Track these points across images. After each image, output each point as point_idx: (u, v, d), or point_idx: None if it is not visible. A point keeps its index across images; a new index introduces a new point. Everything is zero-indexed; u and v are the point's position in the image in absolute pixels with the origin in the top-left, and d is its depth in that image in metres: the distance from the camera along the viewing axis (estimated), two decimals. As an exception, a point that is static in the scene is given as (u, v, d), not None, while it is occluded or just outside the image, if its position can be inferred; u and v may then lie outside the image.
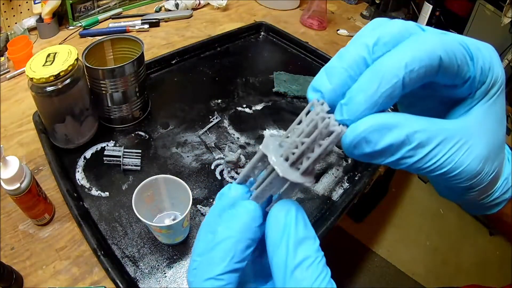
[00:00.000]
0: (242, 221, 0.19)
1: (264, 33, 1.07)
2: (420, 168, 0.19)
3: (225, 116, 0.79)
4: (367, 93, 0.17)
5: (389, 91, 0.17)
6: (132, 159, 0.65)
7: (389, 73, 0.17)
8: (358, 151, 0.18)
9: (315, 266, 0.18)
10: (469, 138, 0.19)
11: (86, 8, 1.01)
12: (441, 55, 0.17)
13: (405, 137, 0.18)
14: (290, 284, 0.18)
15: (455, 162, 0.19)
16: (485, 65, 0.19)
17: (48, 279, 0.50)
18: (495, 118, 0.21)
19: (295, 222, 0.19)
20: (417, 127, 0.18)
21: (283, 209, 0.19)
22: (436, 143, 0.18)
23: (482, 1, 1.51)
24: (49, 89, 0.56)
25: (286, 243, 0.18)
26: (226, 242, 0.19)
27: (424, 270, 1.52)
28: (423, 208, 1.77)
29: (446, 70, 0.18)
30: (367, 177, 0.69)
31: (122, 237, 0.55)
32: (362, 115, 0.18)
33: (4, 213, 0.57)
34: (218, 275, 0.19)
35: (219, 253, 0.19)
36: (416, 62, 0.17)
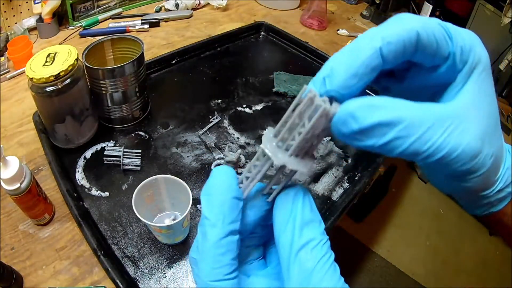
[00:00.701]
0: (220, 183, 0.20)
1: (264, 33, 1.07)
2: (417, 152, 0.18)
3: (225, 116, 0.79)
4: (347, 64, 0.18)
5: (368, 61, 0.18)
6: (132, 159, 0.65)
7: (366, 44, 0.18)
8: (346, 128, 0.18)
9: (319, 248, 0.18)
10: (462, 119, 0.19)
11: (86, 8, 1.01)
12: (418, 31, 0.18)
13: (394, 116, 0.17)
14: (295, 264, 0.18)
15: (452, 144, 0.19)
16: (465, 45, 0.20)
17: (48, 279, 0.50)
18: (485, 97, 0.21)
19: (301, 205, 0.19)
20: (407, 108, 0.18)
21: (291, 192, 0.20)
22: (429, 124, 0.18)
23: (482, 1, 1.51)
24: (49, 89, 0.56)
25: (292, 224, 0.19)
26: (212, 207, 0.20)
27: (424, 270, 1.52)
28: (423, 208, 1.77)
29: (425, 47, 0.19)
30: (367, 177, 0.69)
31: (122, 237, 0.55)
32: (344, 85, 0.18)
33: (4, 213, 0.57)
34: (219, 240, 0.19)
35: (209, 219, 0.20)
36: (394, 36, 0.18)
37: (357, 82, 0.18)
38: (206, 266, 0.19)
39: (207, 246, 0.19)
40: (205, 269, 0.19)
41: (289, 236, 0.19)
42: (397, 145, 0.18)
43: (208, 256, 0.19)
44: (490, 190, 0.24)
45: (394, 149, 0.18)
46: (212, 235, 0.19)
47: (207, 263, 0.19)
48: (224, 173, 0.21)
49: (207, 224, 0.20)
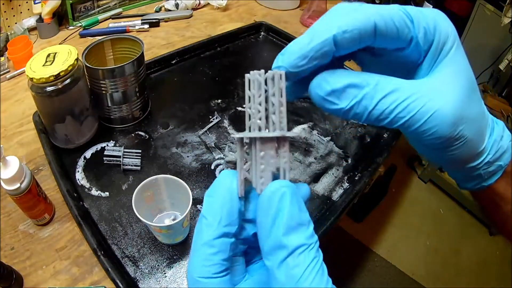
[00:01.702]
0: (222, 186, 0.20)
1: (264, 33, 1.07)
2: (385, 112, 0.20)
3: (225, 116, 0.79)
4: (300, 45, 0.20)
5: (319, 46, 0.19)
6: (132, 159, 0.65)
7: (321, 31, 0.19)
8: (320, 90, 0.20)
9: (306, 254, 0.18)
10: (431, 88, 0.20)
11: (86, 8, 1.01)
12: (375, 20, 0.19)
13: (362, 80, 0.20)
14: (281, 272, 0.18)
15: (420, 108, 0.20)
16: (429, 25, 0.20)
17: (48, 279, 0.50)
18: (459, 71, 0.21)
19: (289, 206, 0.18)
20: (373, 76, 0.20)
21: (278, 192, 0.19)
22: (395, 87, 0.20)
23: (482, 1, 1.51)
24: (49, 89, 0.56)
25: (277, 230, 0.18)
26: (212, 208, 0.20)
27: (424, 270, 1.52)
28: (423, 208, 1.77)
29: (385, 34, 0.20)
30: (367, 177, 0.69)
31: (122, 237, 0.56)
32: (294, 63, 0.20)
33: (4, 213, 0.57)
34: (212, 240, 0.19)
35: (207, 219, 0.20)
36: (349, 25, 0.19)
37: (306, 64, 0.20)
38: (197, 262, 0.20)
39: (199, 244, 0.20)
40: (195, 264, 0.20)
41: (274, 243, 0.18)
42: (366, 106, 0.20)
43: (200, 253, 0.20)
44: (477, 162, 0.24)
45: (364, 111, 0.20)
46: (207, 234, 0.20)
47: (197, 259, 0.20)
48: (228, 176, 0.20)
49: (204, 222, 0.20)
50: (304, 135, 0.76)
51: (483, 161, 0.24)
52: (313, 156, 0.73)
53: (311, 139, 0.76)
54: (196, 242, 0.20)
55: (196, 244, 0.20)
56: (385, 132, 0.80)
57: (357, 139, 0.78)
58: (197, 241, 0.20)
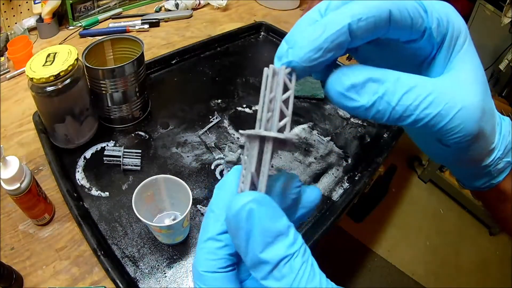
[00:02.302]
0: (231, 180, 0.20)
1: (264, 33, 1.07)
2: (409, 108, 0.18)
3: (225, 116, 0.79)
4: (311, 38, 0.18)
5: (335, 35, 0.18)
6: (132, 159, 0.65)
7: (333, 21, 0.18)
8: (339, 86, 0.19)
9: (292, 263, 0.17)
10: (454, 84, 0.20)
11: (86, 8, 1.01)
12: (390, 8, 0.18)
13: (382, 74, 0.18)
14: (270, 283, 0.17)
15: (446, 103, 0.19)
16: (441, 17, 0.20)
17: (48, 279, 0.50)
18: (476, 64, 0.21)
19: (258, 224, 0.16)
20: (392, 71, 0.19)
21: (243, 211, 0.17)
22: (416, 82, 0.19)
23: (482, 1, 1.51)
24: (49, 89, 0.56)
25: (253, 248, 0.17)
26: (220, 201, 0.20)
27: (424, 270, 1.52)
28: (423, 208, 1.77)
29: (399, 23, 0.19)
30: (367, 177, 0.69)
31: (122, 237, 0.56)
32: (306, 56, 0.18)
33: (4, 213, 0.57)
34: (217, 235, 0.19)
35: (214, 213, 0.20)
36: (363, 13, 0.18)
37: (321, 56, 0.18)
38: (201, 255, 0.19)
39: (205, 237, 0.19)
40: (200, 258, 0.19)
41: (255, 261, 0.17)
42: (389, 101, 0.18)
43: (205, 246, 0.19)
44: (490, 159, 0.24)
45: (387, 108, 0.18)
46: (213, 228, 0.19)
47: (202, 253, 0.19)
48: (238, 171, 0.20)
49: (211, 216, 0.20)
50: (304, 135, 0.76)
51: (494, 158, 0.24)
52: (313, 156, 0.73)
53: (311, 139, 0.76)
54: (202, 235, 0.20)
55: (202, 237, 0.20)
56: (385, 132, 0.80)
57: (357, 139, 0.78)
58: (203, 234, 0.20)
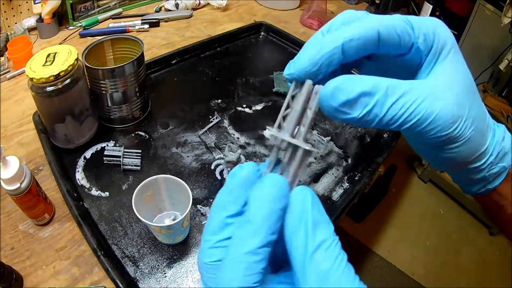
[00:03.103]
0: (273, 192, 0.19)
1: (264, 33, 1.07)
2: (394, 118, 0.21)
3: (225, 116, 0.79)
4: (310, 54, 0.22)
5: (329, 54, 0.21)
6: (132, 159, 0.65)
7: (329, 41, 0.21)
8: (334, 101, 0.21)
9: (332, 248, 0.18)
10: (434, 90, 0.22)
11: (86, 8, 1.01)
12: (379, 29, 0.21)
13: (373, 85, 0.20)
14: (311, 266, 0.18)
15: (427, 110, 0.21)
16: (428, 31, 0.22)
17: (48, 279, 0.50)
18: (457, 72, 0.23)
19: (311, 207, 0.19)
20: (383, 80, 0.21)
21: (300, 194, 0.19)
22: (403, 91, 0.21)
23: (482, 1, 1.51)
24: (49, 89, 0.56)
25: (305, 226, 0.19)
26: (260, 213, 0.19)
27: (424, 270, 1.52)
28: (423, 208, 1.77)
29: (387, 41, 0.22)
30: (367, 177, 0.69)
31: (122, 237, 0.56)
32: (306, 70, 0.22)
33: (4, 213, 0.57)
34: (257, 248, 0.18)
35: (254, 225, 0.19)
36: (355, 35, 0.21)
37: (317, 70, 0.22)
38: (237, 272, 0.18)
39: (242, 251, 0.18)
40: (234, 275, 0.18)
41: (302, 238, 0.18)
42: (377, 113, 0.21)
43: (244, 261, 0.18)
44: (481, 162, 0.25)
45: (374, 118, 0.21)
46: (253, 242, 0.18)
47: (238, 268, 0.18)
48: (277, 182, 0.20)
49: (250, 228, 0.19)
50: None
51: (487, 162, 0.25)
52: (313, 156, 0.73)
53: (311, 139, 0.76)
54: (239, 250, 0.18)
55: (238, 252, 0.18)
56: (385, 132, 0.80)
57: (357, 139, 0.78)
58: (240, 249, 0.18)
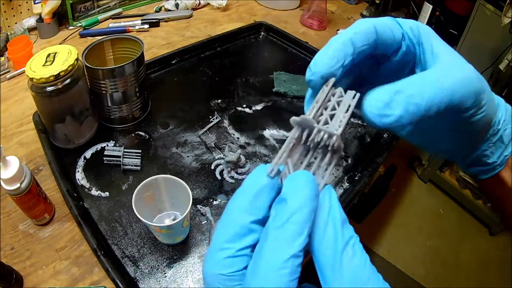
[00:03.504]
0: (308, 190, 0.18)
1: (264, 33, 1.07)
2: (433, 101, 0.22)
3: (225, 116, 0.79)
4: (325, 52, 0.24)
5: (342, 46, 0.24)
6: (132, 159, 0.65)
7: (338, 39, 0.24)
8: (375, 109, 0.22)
9: (358, 244, 0.18)
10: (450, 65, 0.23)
11: (86, 8, 1.01)
12: (375, 24, 0.25)
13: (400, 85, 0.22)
14: (344, 260, 0.17)
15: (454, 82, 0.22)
16: (411, 25, 0.26)
17: (48, 279, 0.50)
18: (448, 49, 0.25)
19: (338, 205, 0.19)
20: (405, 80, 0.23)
21: (327, 192, 0.19)
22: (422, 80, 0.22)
23: (482, 1, 1.51)
24: (49, 89, 0.56)
25: (333, 223, 0.18)
26: (301, 214, 0.17)
27: (424, 270, 1.52)
28: (423, 208, 1.77)
29: (383, 34, 0.25)
30: (367, 177, 0.69)
31: (122, 237, 0.55)
32: (327, 64, 0.23)
33: (4, 213, 0.57)
34: (299, 251, 0.17)
35: (297, 226, 0.17)
36: (357, 29, 0.24)
37: (336, 63, 0.23)
38: (281, 278, 0.17)
39: (287, 255, 0.17)
40: (276, 282, 0.16)
41: (332, 235, 0.18)
42: (417, 102, 0.21)
43: (286, 267, 0.17)
44: (497, 120, 0.27)
45: (416, 109, 0.21)
46: (297, 244, 0.17)
47: (282, 274, 0.17)
48: (311, 179, 0.19)
49: (292, 230, 0.17)
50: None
51: (501, 119, 0.27)
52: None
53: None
54: (281, 253, 0.17)
55: (281, 255, 0.17)
56: (385, 132, 0.80)
57: (357, 139, 0.78)
58: (283, 252, 0.17)
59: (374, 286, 0.17)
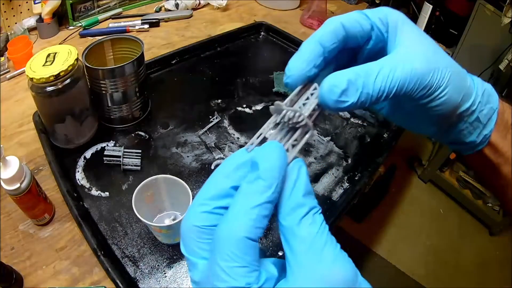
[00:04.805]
0: (278, 153, 0.21)
1: (264, 33, 1.07)
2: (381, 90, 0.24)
3: (225, 116, 0.79)
4: (297, 56, 0.26)
5: (311, 48, 0.26)
6: (132, 159, 0.65)
7: (307, 42, 0.26)
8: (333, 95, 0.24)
9: (319, 215, 0.21)
10: (403, 55, 0.25)
11: (86, 8, 1.01)
12: (341, 21, 0.26)
13: (354, 73, 0.24)
14: (301, 227, 0.20)
15: (402, 73, 0.24)
16: (380, 15, 0.27)
17: (48, 279, 0.50)
18: (417, 36, 0.27)
19: (305, 177, 0.21)
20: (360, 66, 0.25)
21: (296, 165, 0.21)
22: (379, 68, 0.24)
23: (482, 1, 1.51)
24: (49, 89, 0.56)
25: (297, 192, 0.20)
26: (270, 171, 0.20)
27: (424, 270, 1.52)
28: (423, 208, 1.77)
29: (351, 28, 0.27)
30: (367, 177, 0.69)
31: (122, 237, 0.56)
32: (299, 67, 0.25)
33: (4, 213, 0.57)
34: (266, 203, 0.19)
35: (265, 182, 0.20)
36: (325, 30, 0.26)
37: (307, 66, 0.25)
38: (246, 222, 0.19)
39: (253, 204, 0.19)
40: (242, 225, 0.19)
41: (294, 203, 0.20)
42: (368, 91, 0.24)
43: (252, 213, 0.19)
44: (470, 102, 0.28)
45: (367, 97, 0.24)
46: (263, 196, 0.19)
47: (248, 219, 0.19)
48: (278, 145, 0.21)
49: (261, 184, 0.20)
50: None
51: (475, 101, 0.28)
52: (313, 156, 0.73)
53: (311, 139, 0.76)
54: (249, 202, 0.19)
55: (249, 203, 0.19)
56: (385, 132, 0.80)
57: (357, 139, 0.78)
58: (251, 201, 0.19)
59: (330, 251, 0.19)
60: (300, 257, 0.19)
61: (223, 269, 0.19)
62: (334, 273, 0.19)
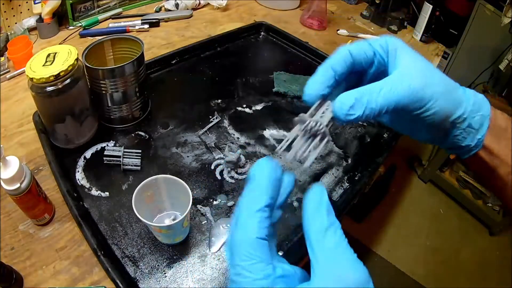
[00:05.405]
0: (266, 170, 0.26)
1: (264, 33, 1.07)
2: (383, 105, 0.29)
3: (225, 116, 0.79)
4: (314, 79, 0.32)
5: (324, 73, 0.32)
6: (132, 159, 0.65)
7: (322, 67, 0.32)
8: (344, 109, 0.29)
9: (340, 229, 0.24)
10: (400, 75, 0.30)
11: (86, 8, 1.01)
12: (349, 50, 0.32)
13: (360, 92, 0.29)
14: (327, 235, 0.23)
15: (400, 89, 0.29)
16: (381, 42, 0.32)
17: (48, 279, 0.50)
18: (413, 59, 0.31)
19: (327, 200, 0.25)
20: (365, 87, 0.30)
21: (318, 188, 0.26)
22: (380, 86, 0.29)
23: (482, 1, 1.51)
24: (49, 89, 0.56)
25: (321, 211, 0.24)
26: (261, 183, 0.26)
27: (424, 270, 1.52)
28: (423, 208, 1.78)
29: (357, 55, 0.32)
30: (367, 177, 0.69)
31: (122, 237, 0.56)
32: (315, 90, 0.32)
33: (4, 213, 0.57)
34: (264, 207, 0.25)
35: (259, 191, 0.25)
36: (337, 56, 0.32)
37: (321, 86, 0.31)
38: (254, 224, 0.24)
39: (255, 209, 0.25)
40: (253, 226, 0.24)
41: (318, 219, 0.24)
42: (372, 107, 0.29)
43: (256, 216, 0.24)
44: (462, 111, 0.31)
45: (371, 111, 0.29)
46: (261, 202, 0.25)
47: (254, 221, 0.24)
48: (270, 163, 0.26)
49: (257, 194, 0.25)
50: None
51: (466, 110, 0.31)
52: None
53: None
54: (251, 207, 0.25)
55: (251, 209, 0.24)
56: (385, 132, 0.80)
57: (357, 139, 0.78)
58: (252, 206, 0.25)
59: (348, 258, 0.23)
60: (322, 263, 0.23)
61: (244, 267, 0.23)
62: (350, 276, 0.22)
